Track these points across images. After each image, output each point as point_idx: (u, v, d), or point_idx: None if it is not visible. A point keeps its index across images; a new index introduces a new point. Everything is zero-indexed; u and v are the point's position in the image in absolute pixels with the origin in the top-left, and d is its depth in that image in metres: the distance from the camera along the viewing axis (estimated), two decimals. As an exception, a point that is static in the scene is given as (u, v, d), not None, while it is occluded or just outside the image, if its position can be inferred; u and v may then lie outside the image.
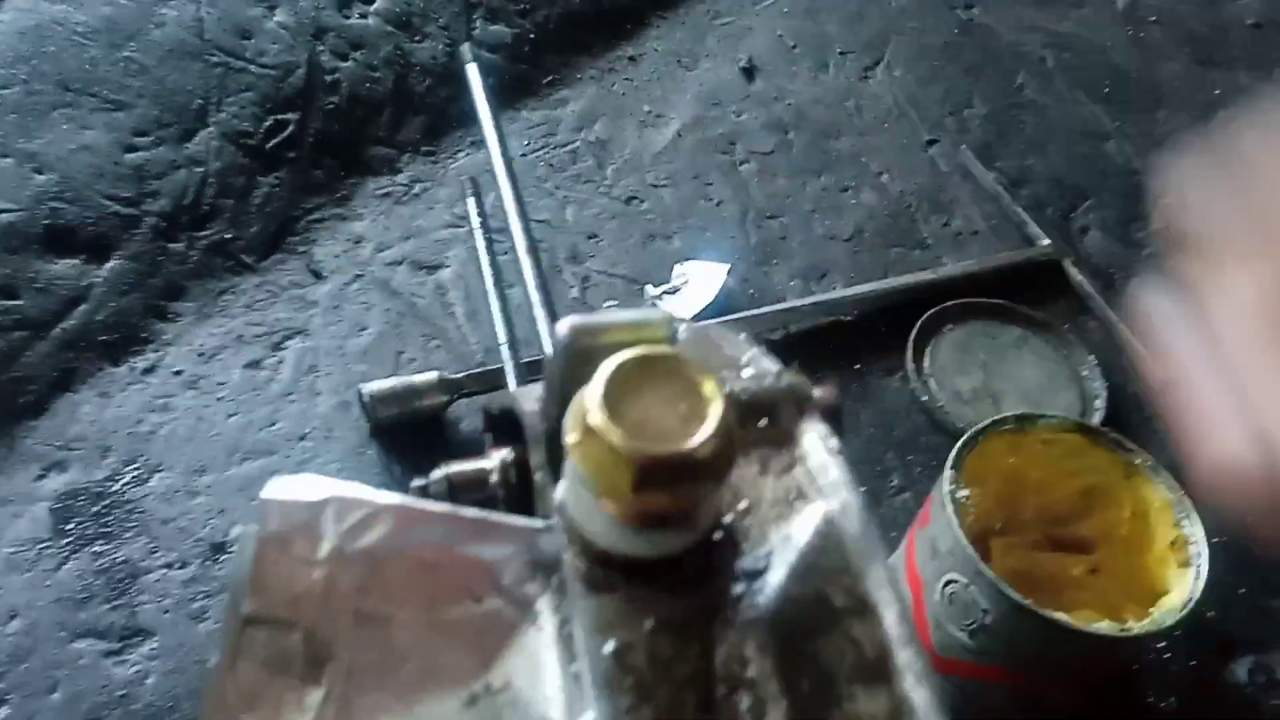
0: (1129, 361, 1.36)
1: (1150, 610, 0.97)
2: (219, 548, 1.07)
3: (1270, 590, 1.23)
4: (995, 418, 1.06)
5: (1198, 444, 0.56)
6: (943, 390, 1.32)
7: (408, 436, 1.17)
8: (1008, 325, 1.40)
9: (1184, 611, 0.94)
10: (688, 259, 1.42)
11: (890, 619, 0.40)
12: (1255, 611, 1.21)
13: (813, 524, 0.42)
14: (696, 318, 1.33)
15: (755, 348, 0.49)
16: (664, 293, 1.36)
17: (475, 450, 0.60)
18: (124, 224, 1.27)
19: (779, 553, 0.42)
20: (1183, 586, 0.98)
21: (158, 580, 1.05)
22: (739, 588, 0.41)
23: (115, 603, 1.02)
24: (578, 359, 0.41)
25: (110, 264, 1.25)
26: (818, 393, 0.46)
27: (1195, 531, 1.00)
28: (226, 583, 1.01)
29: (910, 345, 1.32)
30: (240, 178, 1.37)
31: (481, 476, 0.51)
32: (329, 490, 0.45)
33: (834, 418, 0.45)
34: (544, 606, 0.45)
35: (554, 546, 0.44)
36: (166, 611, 1.03)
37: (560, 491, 0.42)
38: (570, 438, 0.38)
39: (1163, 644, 1.17)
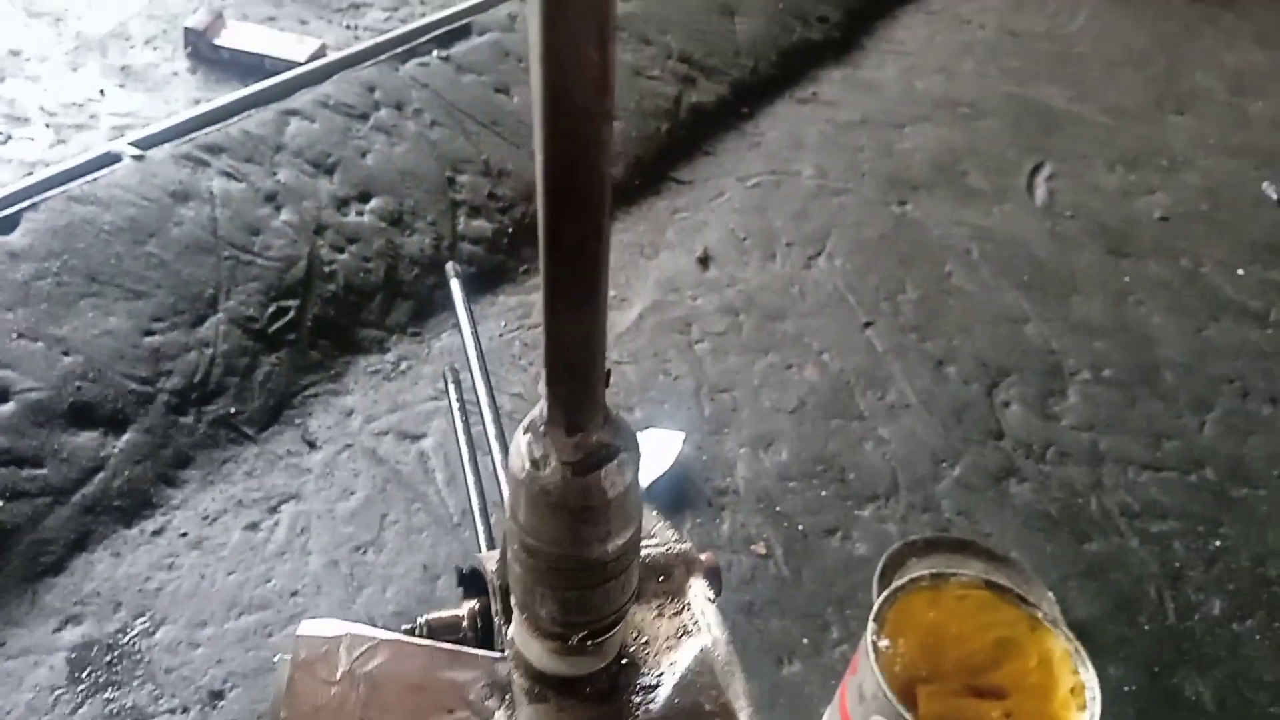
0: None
1: (1057, 751, 1.09)
2: (217, 695, 1.18)
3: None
4: (913, 575, 1.20)
5: None
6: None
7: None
8: (970, 560, 1.40)
9: (1081, 750, 1.07)
10: (647, 428, 1.58)
11: (743, 717, 0.55)
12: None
13: (693, 653, 0.58)
14: (655, 481, 1.48)
15: (662, 521, 0.65)
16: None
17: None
18: (140, 400, 1.43)
19: (668, 674, 0.57)
20: (1082, 729, 1.10)
21: (159, 726, 1.15)
22: (638, 699, 0.56)
23: (120, 747, 1.13)
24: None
25: (126, 436, 1.39)
26: (703, 557, 0.62)
27: (1090, 678, 1.12)
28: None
29: (875, 580, 1.33)
30: (245, 358, 1.53)
31: (455, 622, 0.66)
32: (344, 629, 0.62)
33: (714, 576, 0.61)
34: (500, 718, 0.60)
35: (507, 671, 0.59)
36: (168, 754, 1.13)
37: (510, 629, 0.57)
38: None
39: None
